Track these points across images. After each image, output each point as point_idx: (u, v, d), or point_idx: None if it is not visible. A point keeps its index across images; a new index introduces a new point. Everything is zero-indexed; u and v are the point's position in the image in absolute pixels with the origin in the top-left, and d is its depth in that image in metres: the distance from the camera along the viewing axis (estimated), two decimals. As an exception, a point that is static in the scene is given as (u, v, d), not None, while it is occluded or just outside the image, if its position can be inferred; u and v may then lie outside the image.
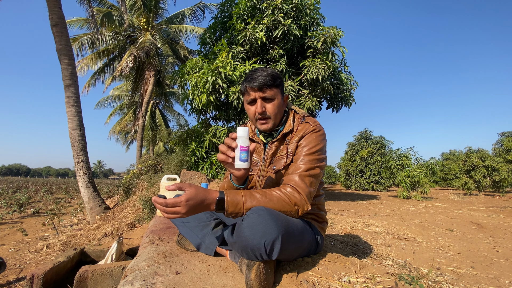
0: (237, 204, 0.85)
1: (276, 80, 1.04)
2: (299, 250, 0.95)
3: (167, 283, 0.78)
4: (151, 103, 16.83)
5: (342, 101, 6.61)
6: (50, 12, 5.13)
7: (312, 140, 1.03)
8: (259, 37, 5.38)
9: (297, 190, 0.93)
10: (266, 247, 0.77)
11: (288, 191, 0.93)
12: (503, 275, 1.77)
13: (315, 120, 1.10)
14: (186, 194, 0.79)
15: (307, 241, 0.99)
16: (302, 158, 1.01)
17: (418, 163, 10.01)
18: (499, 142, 14.24)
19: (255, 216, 0.79)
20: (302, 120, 1.11)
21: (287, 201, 0.91)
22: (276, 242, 0.78)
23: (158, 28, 11.85)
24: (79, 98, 5.30)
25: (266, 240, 0.77)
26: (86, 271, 1.57)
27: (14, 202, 6.91)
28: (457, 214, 4.77)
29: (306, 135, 1.05)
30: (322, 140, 1.05)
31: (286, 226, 0.83)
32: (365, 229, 2.93)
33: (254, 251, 0.78)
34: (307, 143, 1.03)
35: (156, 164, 6.24)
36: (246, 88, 1.06)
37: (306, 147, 1.03)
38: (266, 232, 0.77)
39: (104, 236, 3.43)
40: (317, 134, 1.05)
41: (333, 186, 21.86)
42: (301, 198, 0.92)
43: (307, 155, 1.01)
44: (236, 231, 0.83)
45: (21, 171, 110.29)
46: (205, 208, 0.83)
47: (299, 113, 1.14)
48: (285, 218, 0.86)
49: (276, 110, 1.06)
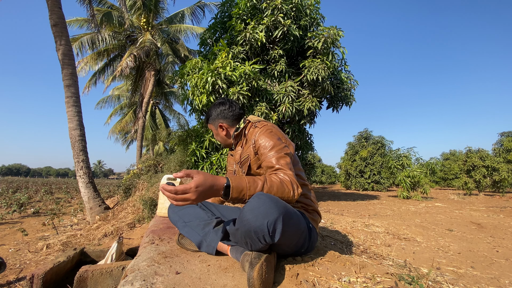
0: (242, 190, 0.89)
1: (206, 118, 1.39)
2: (297, 234, 0.98)
3: (167, 283, 0.78)
4: (151, 103, 16.84)
5: (342, 100, 6.62)
6: (50, 12, 5.13)
7: (264, 138, 1.15)
8: (259, 38, 5.38)
9: (287, 174, 1.02)
10: (269, 227, 0.80)
11: (282, 176, 1.00)
12: (503, 275, 1.77)
13: (263, 122, 1.25)
14: (195, 180, 0.82)
15: (303, 225, 1.02)
16: (268, 154, 1.11)
17: (418, 163, 10.02)
18: (499, 142, 14.24)
19: (256, 200, 0.82)
20: (254, 126, 1.25)
21: (285, 185, 0.97)
22: (278, 222, 0.81)
23: (158, 28, 11.85)
24: (79, 98, 5.29)
25: (268, 220, 0.80)
26: (86, 271, 1.57)
27: (14, 202, 6.90)
28: (457, 214, 4.77)
29: (257, 138, 1.17)
30: (272, 134, 1.16)
31: (284, 207, 0.87)
32: (365, 229, 2.93)
33: (257, 233, 0.81)
34: (262, 142, 1.15)
35: (156, 164, 6.24)
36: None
37: (264, 144, 1.14)
38: (267, 213, 0.80)
39: (104, 236, 3.43)
40: (266, 132, 1.17)
41: (333, 186, 21.85)
42: (293, 181, 0.99)
43: (270, 150, 1.11)
44: (239, 218, 0.86)
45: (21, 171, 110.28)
46: (214, 194, 0.86)
47: (252, 121, 1.31)
48: (283, 202, 0.90)
49: (216, 138, 1.41)
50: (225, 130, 1.35)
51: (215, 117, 1.35)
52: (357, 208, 5.74)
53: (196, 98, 5.33)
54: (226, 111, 1.34)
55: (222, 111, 1.34)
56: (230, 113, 1.33)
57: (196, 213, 1.12)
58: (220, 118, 1.34)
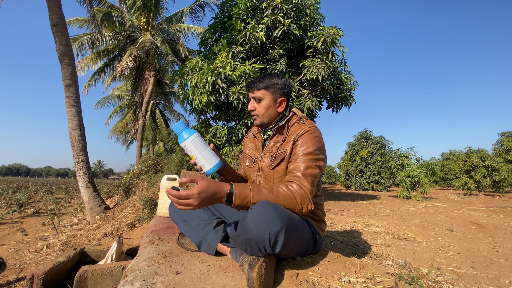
0: (245, 198, 0.87)
1: (264, 83, 1.15)
2: (299, 245, 0.97)
3: (167, 283, 0.78)
4: (151, 103, 16.83)
5: (342, 101, 6.61)
6: (50, 12, 5.13)
7: (308, 141, 1.07)
8: (259, 37, 5.38)
9: (302, 188, 0.96)
10: (270, 238, 0.79)
11: (294, 188, 0.95)
12: (503, 275, 1.77)
13: (312, 123, 1.14)
14: (198, 186, 0.81)
15: (307, 236, 1.01)
16: (301, 158, 1.04)
17: (418, 163, 10.01)
18: (499, 142, 14.24)
19: (260, 209, 0.81)
20: (300, 121, 1.16)
21: (293, 198, 0.92)
22: (280, 233, 0.80)
23: (158, 28, 11.84)
24: (79, 98, 5.29)
25: (270, 231, 0.78)
26: (86, 271, 1.57)
27: (14, 202, 6.90)
28: (457, 214, 4.77)
29: (302, 136, 1.09)
30: (317, 142, 1.08)
31: (289, 219, 0.85)
32: (365, 229, 2.93)
33: (258, 243, 0.80)
34: (303, 143, 1.07)
35: (156, 164, 6.24)
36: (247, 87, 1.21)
37: (303, 147, 1.07)
38: (270, 223, 0.79)
39: (104, 236, 3.43)
40: (312, 135, 1.09)
41: (333, 186, 21.85)
42: (306, 196, 0.95)
43: (305, 155, 1.04)
44: (240, 224, 0.85)
45: (21, 171, 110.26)
46: (216, 201, 0.85)
47: (298, 114, 1.20)
48: (287, 212, 0.88)
49: (263, 110, 1.16)
50: (282, 108, 1.19)
51: (279, 88, 1.16)
52: (357, 208, 5.74)
53: (196, 98, 5.33)
54: (289, 89, 1.19)
55: (288, 86, 1.18)
56: (290, 94, 1.20)
57: (196, 212, 1.12)
58: (284, 94, 1.17)
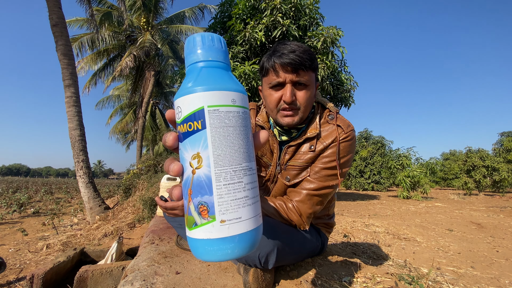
0: None
1: (314, 61, 0.80)
2: (298, 259, 0.95)
3: (167, 283, 0.78)
4: (151, 103, 16.82)
5: (341, 101, 6.61)
6: (50, 12, 5.13)
7: (340, 151, 0.84)
8: (258, 37, 5.38)
9: (298, 210, 0.84)
10: (260, 259, 0.76)
11: (289, 207, 0.85)
12: (503, 275, 1.77)
13: (348, 123, 0.88)
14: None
15: (309, 249, 0.97)
16: (318, 172, 0.85)
17: (418, 163, 10.02)
18: (499, 142, 14.24)
19: None
20: (332, 118, 0.88)
21: (285, 216, 0.85)
22: (270, 254, 0.76)
23: (158, 28, 11.85)
24: (79, 98, 5.29)
25: (260, 253, 0.75)
26: (86, 271, 1.57)
27: (14, 202, 6.90)
28: (457, 214, 4.77)
29: (334, 144, 0.84)
30: (350, 152, 0.86)
31: (283, 238, 0.80)
32: (365, 229, 2.93)
33: (248, 261, 0.78)
34: (331, 154, 0.84)
35: (156, 164, 6.24)
36: (274, 65, 0.78)
37: (328, 158, 0.84)
38: (260, 245, 0.73)
39: (104, 236, 3.43)
40: (348, 143, 0.85)
41: (333, 186, 21.80)
42: (299, 219, 0.85)
43: (325, 169, 0.84)
44: None
45: (21, 171, 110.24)
46: None
47: (328, 107, 0.90)
48: (284, 229, 0.83)
49: (308, 101, 0.82)
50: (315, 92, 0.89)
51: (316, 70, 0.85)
52: (357, 208, 5.74)
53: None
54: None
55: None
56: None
57: None
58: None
